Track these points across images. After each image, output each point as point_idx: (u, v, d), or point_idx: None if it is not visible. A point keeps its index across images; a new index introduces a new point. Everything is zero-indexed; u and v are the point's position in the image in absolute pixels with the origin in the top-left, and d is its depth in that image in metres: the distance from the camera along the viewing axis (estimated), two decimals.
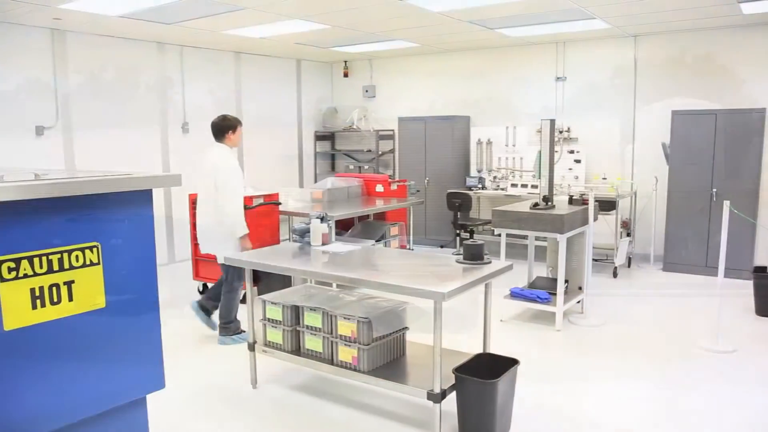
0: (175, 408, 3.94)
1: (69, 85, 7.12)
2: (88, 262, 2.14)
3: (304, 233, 4.53)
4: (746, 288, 6.27)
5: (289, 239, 6.28)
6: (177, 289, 7.00)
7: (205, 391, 4.26)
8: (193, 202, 6.28)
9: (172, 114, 8.19)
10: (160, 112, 8.06)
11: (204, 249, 5.35)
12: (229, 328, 5.19)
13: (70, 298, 2.10)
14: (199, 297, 5.56)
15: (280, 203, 6.42)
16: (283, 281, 5.18)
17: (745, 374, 4.51)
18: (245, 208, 5.13)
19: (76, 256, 2.11)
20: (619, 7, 6.29)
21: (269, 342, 4.18)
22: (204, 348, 5.15)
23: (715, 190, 7.20)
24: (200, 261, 6.41)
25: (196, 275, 6.50)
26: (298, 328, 4.07)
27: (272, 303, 4.14)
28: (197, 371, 4.60)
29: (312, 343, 4.00)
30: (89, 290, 2.15)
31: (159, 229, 8.03)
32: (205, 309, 5.29)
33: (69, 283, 2.09)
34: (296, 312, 4.08)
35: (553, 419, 3.81)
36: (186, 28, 6.93)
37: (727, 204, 5.06)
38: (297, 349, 4.10)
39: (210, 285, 5.58)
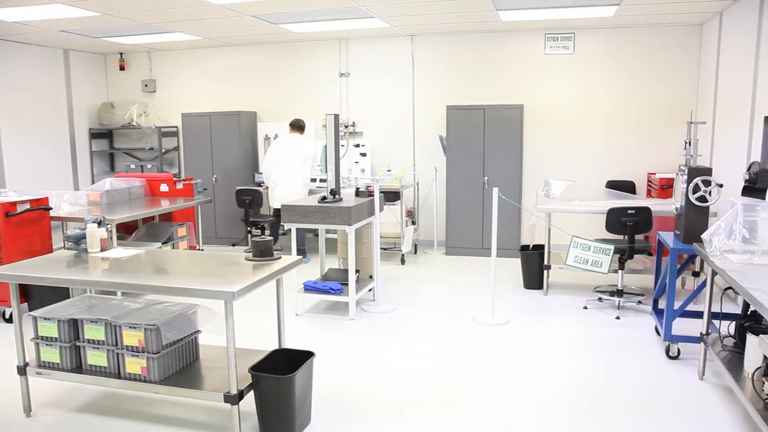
0: None
1: None
2: None
3: (79, 239, 4.18)
4: (515, 265, 7.00)
5: (64, 247, 5.74)
6: None
7: None
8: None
9: None
10: None
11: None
12: (304, 252, 7.94)
13: None
14: None
15: (50, 208, 5.83)
16: (59, 294, 4.73)
17: (518, 342, 5.03)
18: (6, 215, 4.66)
19: None
20: (393, 8, 6.62)
21: (44, 362, 3.78)
22: None
23: (486, 178, 7.92)
24: None
25: None
26: (78, 344, 3.74)
27: (45, 319, 3.75)
28: None
29: (95, 358, 3.70)
30: None
31: None
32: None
33: None
34: (75, 326, 3.74)
35: (353, 406, 3.92)
36: None
37: (496, 191, 5.57)
38: (78, 367, 3.77)
39: None
